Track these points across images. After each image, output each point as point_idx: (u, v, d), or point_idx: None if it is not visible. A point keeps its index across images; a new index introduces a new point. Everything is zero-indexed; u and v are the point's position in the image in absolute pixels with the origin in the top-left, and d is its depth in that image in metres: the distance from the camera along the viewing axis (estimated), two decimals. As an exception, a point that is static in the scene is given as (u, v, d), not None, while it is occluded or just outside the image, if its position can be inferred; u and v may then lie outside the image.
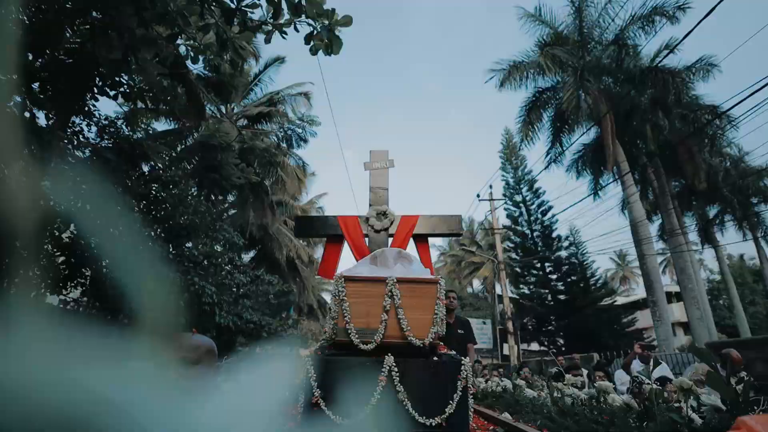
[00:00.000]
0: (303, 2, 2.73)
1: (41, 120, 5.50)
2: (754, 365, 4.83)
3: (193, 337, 1.24)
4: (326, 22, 2.94)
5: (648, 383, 2.45)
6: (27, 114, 4.25)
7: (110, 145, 5.84)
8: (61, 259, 5.26)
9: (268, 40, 3.09)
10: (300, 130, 12.84)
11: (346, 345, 2.37)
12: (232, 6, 2.96)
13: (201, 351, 1.21)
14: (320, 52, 3.18)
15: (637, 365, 4.96)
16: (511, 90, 14.91)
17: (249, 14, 2.94)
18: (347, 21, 2.82)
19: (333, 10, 2.78)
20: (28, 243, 5.52)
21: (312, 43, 3.11)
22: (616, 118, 13.91)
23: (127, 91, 4.94)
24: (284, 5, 2.79)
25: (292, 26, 3.11)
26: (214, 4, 3.02)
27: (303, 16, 2.84)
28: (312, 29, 3.07)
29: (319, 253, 23.72)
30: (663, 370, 4.66)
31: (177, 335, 1.22)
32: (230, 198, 15.89)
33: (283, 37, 3.22)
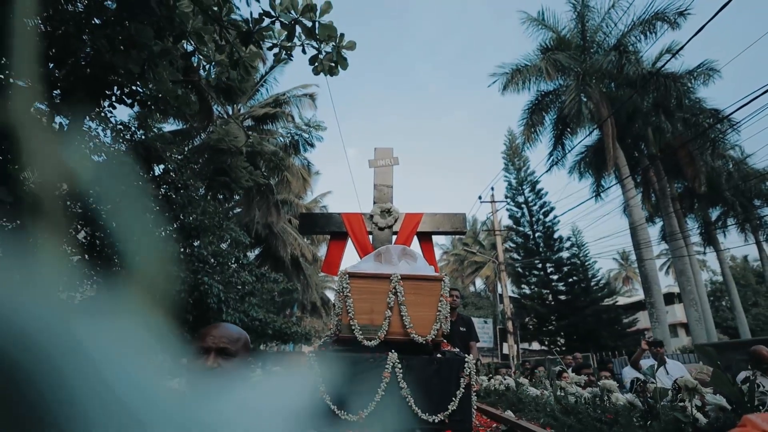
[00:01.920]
0: (316, 27, 2.94)
1: (65, 127, 5.74)
2: (738, 366, 4.94)
3: (233, 328, 1.17)
4: (333, 44, 3.15)
5: (653, 382, 2.41)
6: (55, 125, 4.52)
7: (124, 148, 6.09)
8: (77, 258, 5.50)
9: (277, 61, 3.31)
10: (307, 135, 13.07)
11: (350, 341, 2.35)
12: (247, 28, 3.17)
13: (240, 344, 1.16)
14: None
15: (649, 361, 4.81)
16: (514, 93, 15.05)
17: (264, 35, 3.15)
18: (352, 45, 3.03)
19: (342, 34, 2.99)
20: (49, 242, 5.78)
21: (316, 64, 3.32)
22: (618, 121, 14.00)
23: (143, 99, 5.19)
24: (297, 29, 3.00)
25: (300, 48, 3.33)
26: (230, 26, 3.24)
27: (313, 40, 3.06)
28: (317, 51, 3.28)
29: (322, 251, 23.94)
30: (679, 369, 4.50)
31: (216, 324, 1.17)
32: (236, 197, 16.13)
33: (290, 59, 3.43)
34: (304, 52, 3.25)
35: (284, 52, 3.21)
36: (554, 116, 15.22)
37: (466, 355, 2.34)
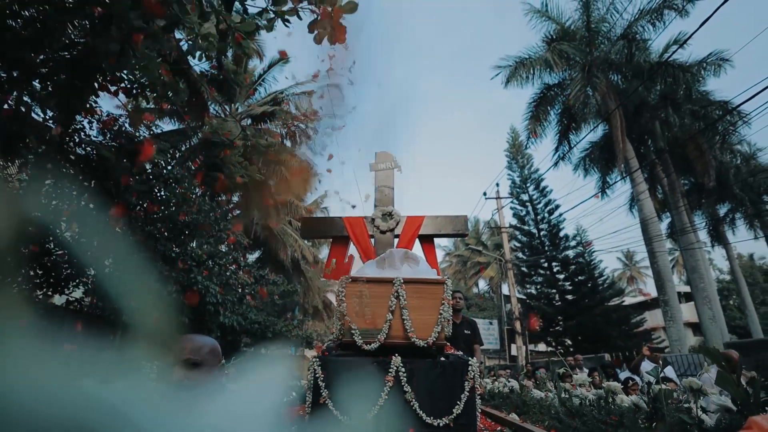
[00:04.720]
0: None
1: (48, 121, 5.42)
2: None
3: (196, 338, 1.24)
4: (329, 8, 2.81)
5: (651, 383, 2.44)
6: (37, 116, 4.18)
7: (114, 143, 5.75)
8: (54, 258, 5.18)
9: (270, 28, 2.97)
10: (304, 126, 12.74)
11: (353, 345, 2.35)
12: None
13: (204, 352, 1.20)
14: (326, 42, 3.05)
15: (647, 365, 5.03)
16: (518, 86, 14.75)
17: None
18: (352, 7, 2.69)
19: (338, -6, 2.65)
20: (30, 244, 5.45)
21: (316, 31, 2.99)
22: (624, 115, 13.68)
23: (129, 87, 4.85)
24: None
25: (296, 14, 2.99)
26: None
27: (305, 2, 2.72)
28: (316, 16, 2.95)
29: (324, 253, 23.59)
30: (671, 373, 4.90)
31: (180, 338, 1.22)
32: (234, 198, 15.79)
33: (286, 25, 3.09)
34: (299, 17, 2.92)
35: (278, 18, 2.89)
36: (559, 110, 14.90)
37: (470, 358, 2.34)
